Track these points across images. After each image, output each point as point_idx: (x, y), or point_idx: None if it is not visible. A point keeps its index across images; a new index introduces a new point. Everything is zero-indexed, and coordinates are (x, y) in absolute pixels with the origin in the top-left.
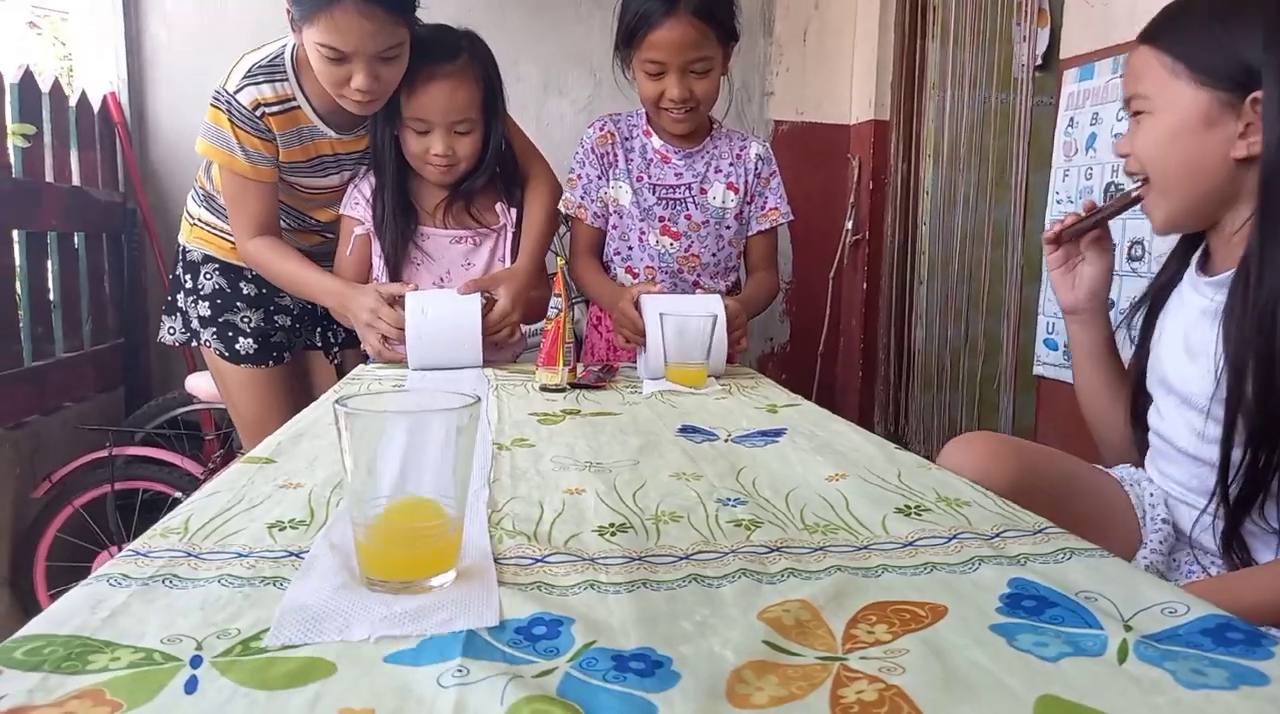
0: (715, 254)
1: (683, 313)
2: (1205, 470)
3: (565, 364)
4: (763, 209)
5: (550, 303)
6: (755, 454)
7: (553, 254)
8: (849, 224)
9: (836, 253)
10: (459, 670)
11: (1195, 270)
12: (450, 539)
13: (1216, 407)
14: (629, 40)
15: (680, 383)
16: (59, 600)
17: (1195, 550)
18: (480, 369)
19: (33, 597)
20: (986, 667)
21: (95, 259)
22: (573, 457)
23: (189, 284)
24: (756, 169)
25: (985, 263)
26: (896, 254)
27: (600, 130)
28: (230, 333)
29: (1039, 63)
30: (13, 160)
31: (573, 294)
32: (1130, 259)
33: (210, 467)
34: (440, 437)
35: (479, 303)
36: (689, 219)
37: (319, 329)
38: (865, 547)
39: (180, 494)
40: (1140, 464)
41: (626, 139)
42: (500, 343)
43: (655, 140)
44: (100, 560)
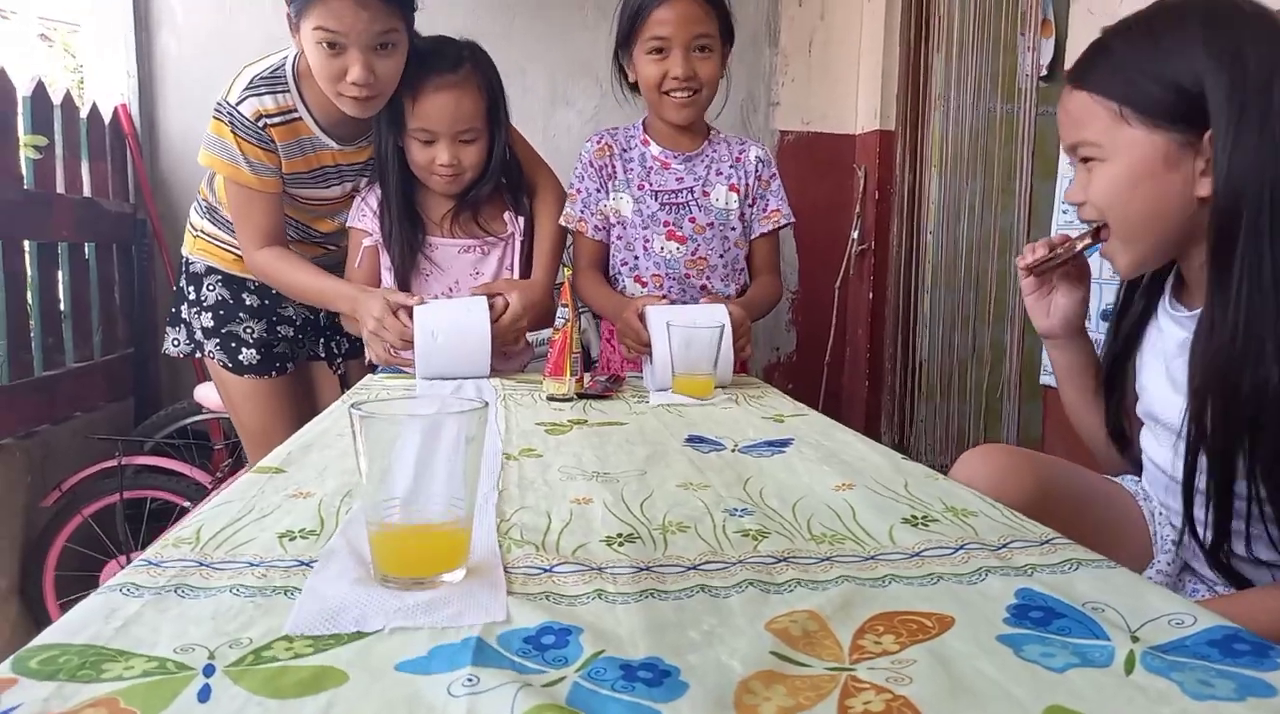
0: (723, 256)
1: (690, 324)
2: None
3: (572, 374)
4: (764, 212)
5: (557, 313)
6: (762, 464)
7: (560, 265)
8: (854, 234)
9: (842, 262)
10: (469, 679)
11: (1170, 299)
12: (460, 538)
13: None
14: (630, 31)
15: (687, 393)
16: (73, 610)
17: (1197, 576)
18: (487, 379)
19: (41, 605)
20: (993, 677)
21: (105, 269)
22: (580, 466)
23: (192, 296)
24: (757, 171)
25: (991, 272)
26: (902, 263)
27: (597, 144)
28: (233, 344)
29: (1044, 73)
30: (25, 172)
31: (580, 304)
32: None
33: (218, 476)
34: (451, 440)
35: (487, 314)
36: (693, 222)
37: (322, 340)
38: (872, 557)
39: (188, 503)
40: (1139, 475)
41: (625, 150)
42: (508, 351)
43: (654, 148)
44: (108, 570)
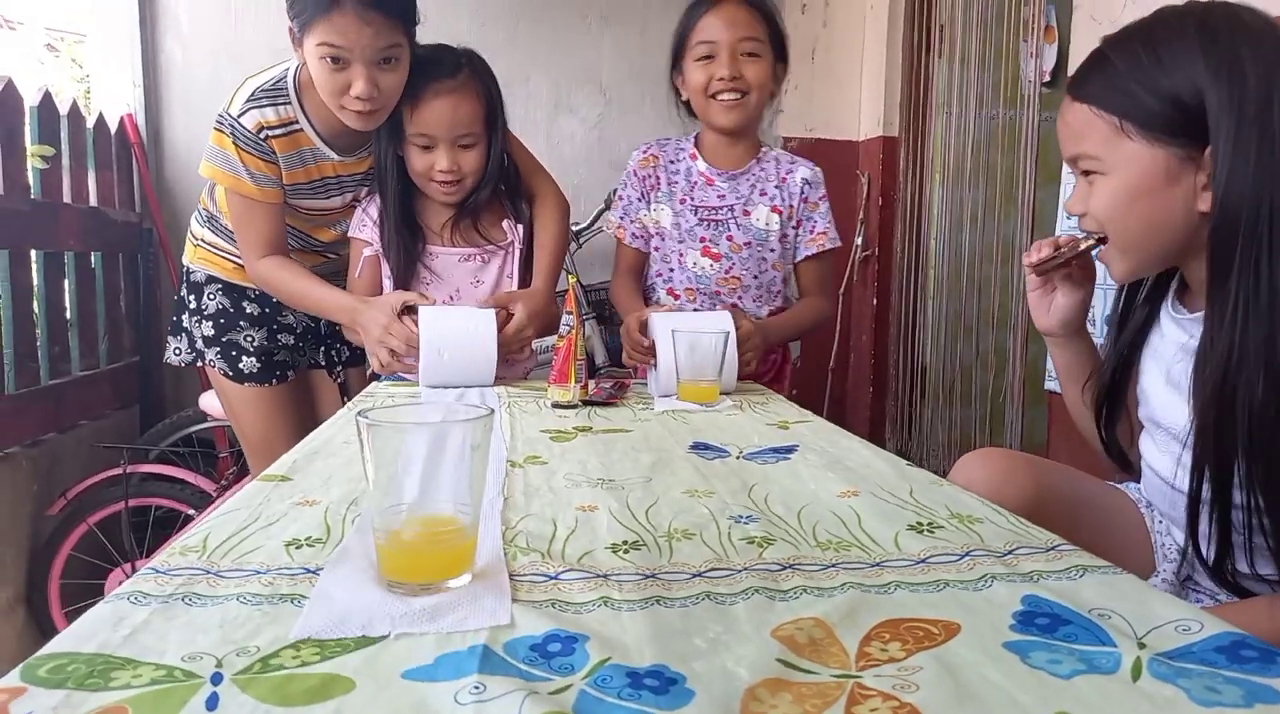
0: (758, 277)
1: (694, 330)
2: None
3: (577, 381)
4: (810, 234)
5: (562, 320)
6: (767, 471)
7: (564, 272)
8: (858, 240)
9: (846, 269)
10: (476, 687)
11: (1173, 301)
12: (466, 545)
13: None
14: (680, 45)
15: (692, 400)
16: (81, 618)
17: (1199, 586)
18: (492, 387)
19: (47, 614)
20: (1000, 684)
21: (111, 278)
22: (585, 474)
23: (193, 304)
24: (803, 193)
25: (994, 278)
26: (905, 269)
27: (644, 153)
28: (234, 352)
29: (1046, 79)
30: (31, 181)
31: (584, 311)
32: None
33: (223, 484)
34: (457, 447)
35: (494, 323)
36: (730, 240)
37: (322, 348)
38: (878, 564)
39: (193, 511)
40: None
41: (672, 162)
42: (512, 359)
43: (700, 163)
44: (113, 578)
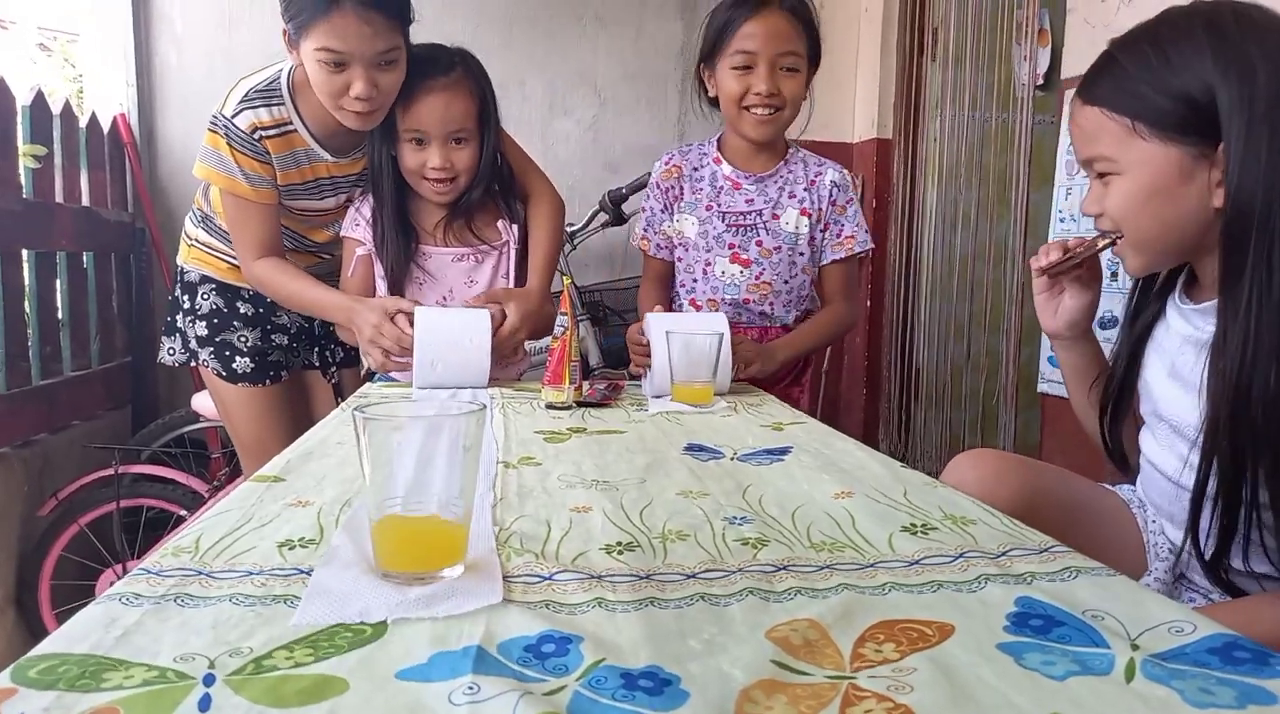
0: (788, 281)
1: (689, 331)
2: (1188, 498)
3: (571, 382)
4: (837, 237)
5: (556, 321)
6: (761, 472)
7: (558, 273)
8: None
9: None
10: (470, 688)
11: (1180, 294)
12: (458, 534)
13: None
14: (716, 43)
15: (686, 401)
16: (72, 619)
17: (1193, 585)
18: (485, 388)
19: (37, 615)
20: (994, 685)
21: (104, 278)
22: (579, 475)
23: (187, 304)
24: (831, 196)
25: (987, 280)
26: (899, 271)
27: (666, 164)
28: (227, 352)
29: (1040, 82)
30: (23, 181)
31: (578, 312)
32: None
33: (215, 485)
34: (450, 440)
35: (489, 326)
36: (760, 245)
37: (316, 348)
38: (872, 565)
39: (185, 512)
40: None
41: (695, 169)
42: (505, 360)
43: (725, 167)
44: (104, 579)
